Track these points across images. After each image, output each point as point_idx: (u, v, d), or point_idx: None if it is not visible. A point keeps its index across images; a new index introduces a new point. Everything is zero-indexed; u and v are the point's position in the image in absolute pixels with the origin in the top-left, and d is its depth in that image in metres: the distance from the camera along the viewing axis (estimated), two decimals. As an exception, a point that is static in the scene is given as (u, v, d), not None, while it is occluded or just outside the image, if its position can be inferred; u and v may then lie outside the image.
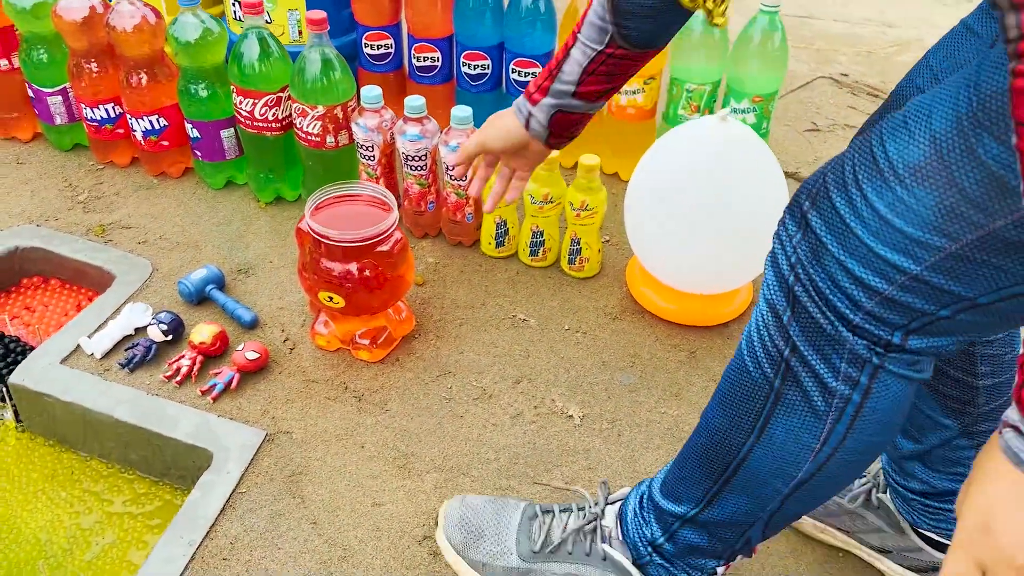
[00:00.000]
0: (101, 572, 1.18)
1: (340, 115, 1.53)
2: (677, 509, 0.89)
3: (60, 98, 1.72)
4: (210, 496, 1.16)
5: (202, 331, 1.34)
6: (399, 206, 1.62)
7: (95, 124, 1.70)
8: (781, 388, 0.73)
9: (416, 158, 1.50)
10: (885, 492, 1.09)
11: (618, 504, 1.01)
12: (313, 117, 1.52)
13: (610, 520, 0.99)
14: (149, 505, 1.27)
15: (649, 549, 0.94)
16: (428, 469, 1.21)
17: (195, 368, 1.32)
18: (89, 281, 1.55)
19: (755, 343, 0.75)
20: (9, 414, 1.36)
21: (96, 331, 1.37)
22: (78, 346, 1.36)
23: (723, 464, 0.81)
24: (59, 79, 1.70)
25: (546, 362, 1.39)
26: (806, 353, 0.70)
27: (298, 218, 1.33)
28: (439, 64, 1.78)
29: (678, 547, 0.92)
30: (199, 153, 1.68)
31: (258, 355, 1.32)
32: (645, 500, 0.95)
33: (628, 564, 0.96)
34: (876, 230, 0.63)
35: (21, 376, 1.31)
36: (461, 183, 1.51)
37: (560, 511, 1.03)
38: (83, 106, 1.68)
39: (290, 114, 1.57)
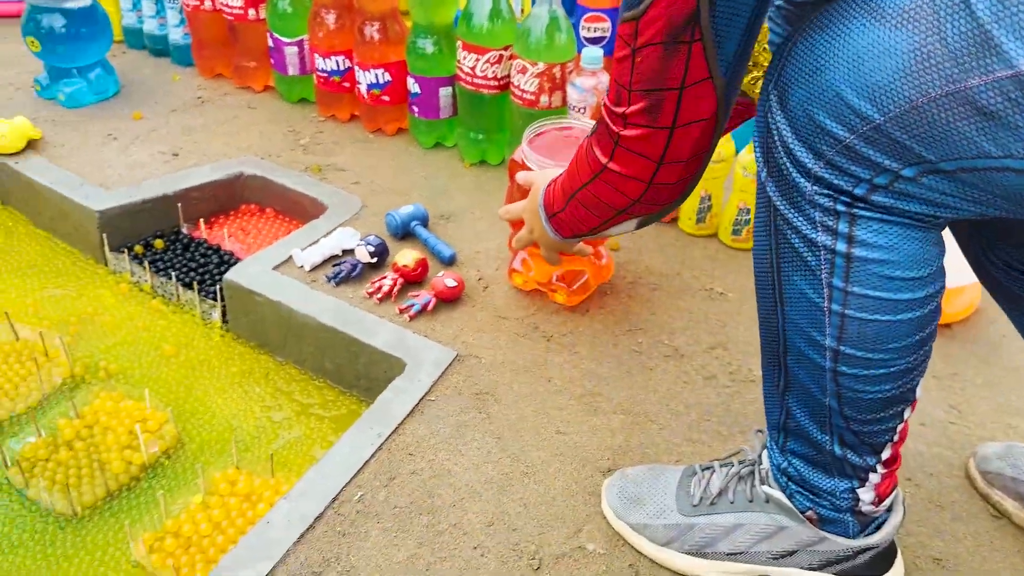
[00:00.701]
0: (286, 459, 1.21)
1: (558, 75, 1.56)
2: (773, 420, 0.88)
3: (296, 49, 1.86)
4: (401, 398, 1.16)
5: (406, 255, 1.38)
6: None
7: (324, 75, 1.82)
8: (777, 250, 0.74)
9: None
10: None
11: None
12: (532, 74, 1.55)
13: (767, 463, 0.94)
14: (335, 411, 1.30)
15: (784, 479, 0.90)
16: (615, 410, 1.17)
17: (395, 289, 1.36)
18: (301, 213, 1.64)
19: (757, 219, 0.77)
20: (217, 314, 1.44)
21: (308, 247, 1.44)
22: (289, 258, 1.43)
23: (776, 357, 0.82)
24: (299, 30, 1.84)
25: (745, 334, 1.32)
26: (782, 209, 0.71)
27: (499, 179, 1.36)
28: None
29: (796, 464, 0.87)
30: (416, 109, 1.75)
31: (456, 283, 1.34)
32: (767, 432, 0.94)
33: (787, 500, 0.90)
34: (847, 72, 0.63)
35: (236, 274, 1.38)
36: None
37: (720, 466, 0.98)
38: (316, 56, 1.80)
39: (508, 73, 1.61)
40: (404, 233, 1.50)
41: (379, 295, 1.35)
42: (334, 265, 1.41)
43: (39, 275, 1.54)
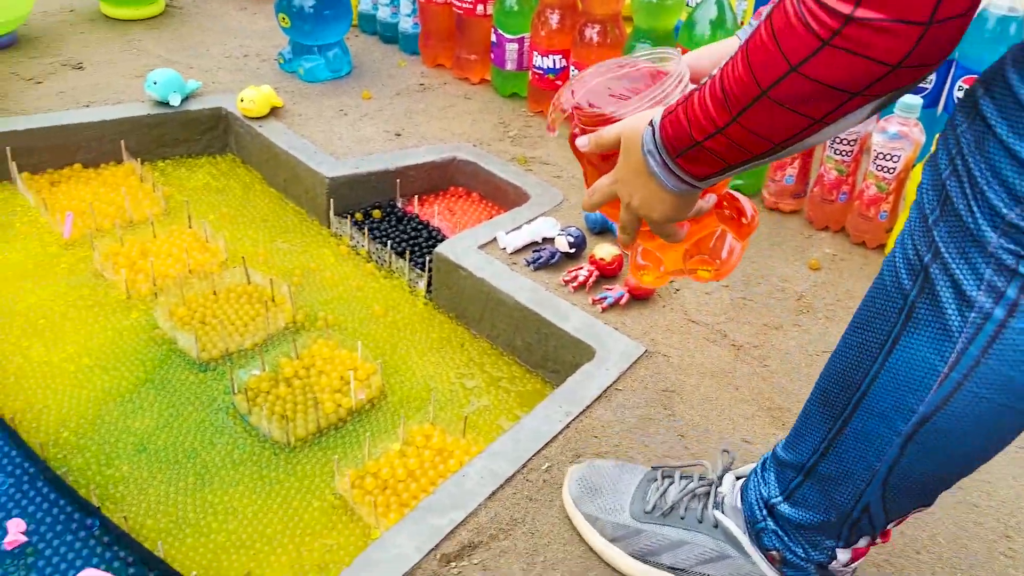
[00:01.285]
0: (475, 424, 1.29)
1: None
2: (795, 459, 0.83)
3: (516, 45, 1.96)
4: (589, 383, 1.22)
5: (604, 249, 1.43)
6: (807, 192, 1.60)
7: (540, 72, 1.91)
8: (916, 301, 0.66)
9: (845, 141, 1.48)
10: None
11: (741, 478, 0.95)
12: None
13: (727, 487, 0.93)
14: (521, 387, 1.37)
15: (764, 512, 0.87)
16: (801, 428, 1.17)
17: (591, 280, 1.41)
18: (505, 199, 1.73)
19: (897, 256, 0.68)
20: (423, 284, 1.55)
21: (511, 231, 1.52)
22: (494, 239, 1.51)
23: (843, 402, 0.75)
24: (522, 27, 1.93)
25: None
26: (948, 257, 0.63)
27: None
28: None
29: (795, 509, 0.83)
30: (623, 111, 1.80)
31: (651, 282, 1.38)
32: (768, 460, 0.89)
33: (739, 531, 0.89)
34: None
35: (446, 249, 1.48)
36: (887, 176, 1.45)
37: (680, 477, 0.97)
38: (535, 53, 1.89)
39: (723, 84, 1.62)
40: (602, 228, 1.55)
41: (574, 284, 1.41)
42: (534, 251, 1.48)
43: (270, 229, 1.72)
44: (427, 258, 1.55)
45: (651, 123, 0.74)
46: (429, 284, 1.55)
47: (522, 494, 1.04)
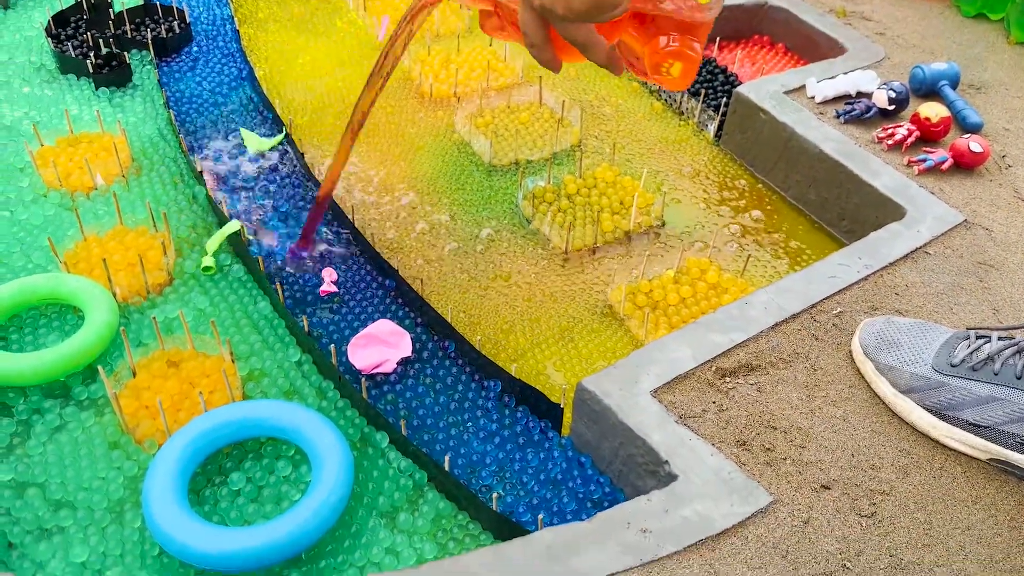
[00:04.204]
0: (750, 268, 1.24)
1: None
2: None
3: None
4: (895, 241, 1.11)
5: (933, 108, 1.28)
6: None
7: (878, -82, 1.71)
8: None
9: None
10: None
11: None
12: None
13: None
14: (807, 240, 1.29)
15: None
16: None
17: (909, 140, 1.27)
18: (814, 52, 1.59)
19: None
20: (713, 127, 1.49)
21: (823, 80, 1.40)
22: (802, 87, 1.40)
23: None
24: None
25: None
26: None
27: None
28: None
29: None
30: (973, -32, 1.58)
31: (982, 150, 1.22)
32: None
33: None
34: None
35: (748, 90, 1.40)
36: None
37: (999, 338, 0.87)
38: None
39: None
40: (928, 91, 1.39)
41: (890, 141, 1.28)
42: (847, 103, 1.36)
43: (563, 58, 1.71)
44: (722, 101, 1.48)
45: None
46: (720, 128, 1.48)
47: (808, 331, 0.99)
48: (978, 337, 0.89)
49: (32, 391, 0.98)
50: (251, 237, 1.21)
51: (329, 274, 1.16)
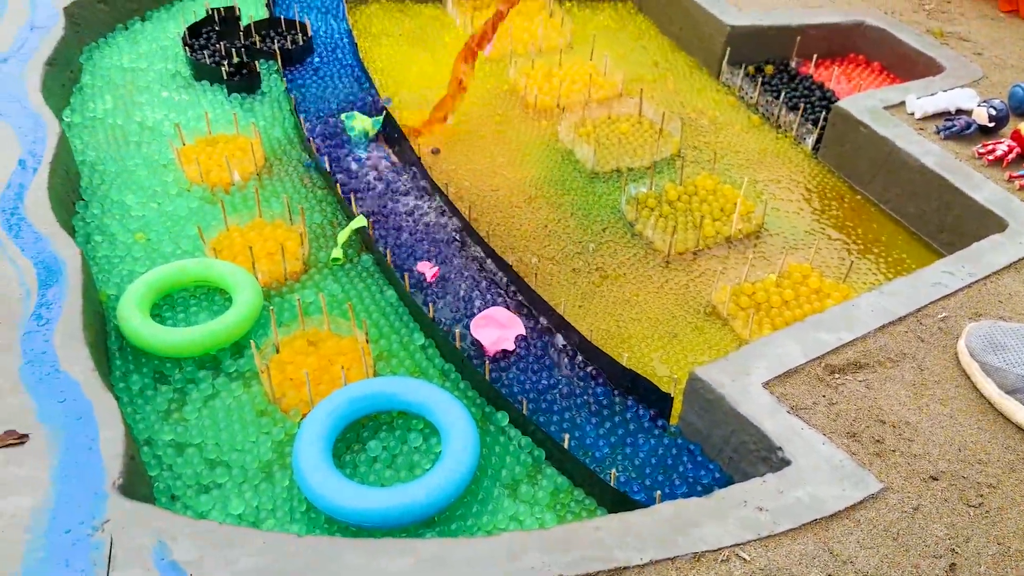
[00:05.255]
0: (851, 273, 1.28)
1: None
2: None
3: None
4: (997, 252, 1.14)
5: (1036, 125, 1.31)
6: None
7: (978, -60, 1.73)
8: None
9: None
10: None
11: None
12: None
13: None
14: (906, 251, 1.32)
15: None
16: None
17: (1011, 155, 1.30)
18: (911, 71, 1.62)
19: None
20: (811, 140, 1.53)
21: (923, 97, 1.44)
22: (902, 103, 1.44)
23: None
24: None
25: None
26: None
27: None
28: None
29: None
30: (1076, -11, 1.59)
31: (1087, 166, 1.24)
32: None
33: None
34: None
35: (849, 104, 1.44)
36: None
37: None
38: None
39: None
40: (1030, 109, 1.41)
41: (990, 157, 1.31)
42: (946, 119, 1.39)
43: (660, 72, 1.78)
44: (820, 116, 1.52)
45: None
46: (818, 140, 1.52)
47: (914, 333, 1.03)
48: None
49: (187, 363, 1.08)
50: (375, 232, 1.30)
51: (427, 267, 1.23)
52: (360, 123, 1.50)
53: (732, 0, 1.76)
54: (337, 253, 1.25)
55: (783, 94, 1.60)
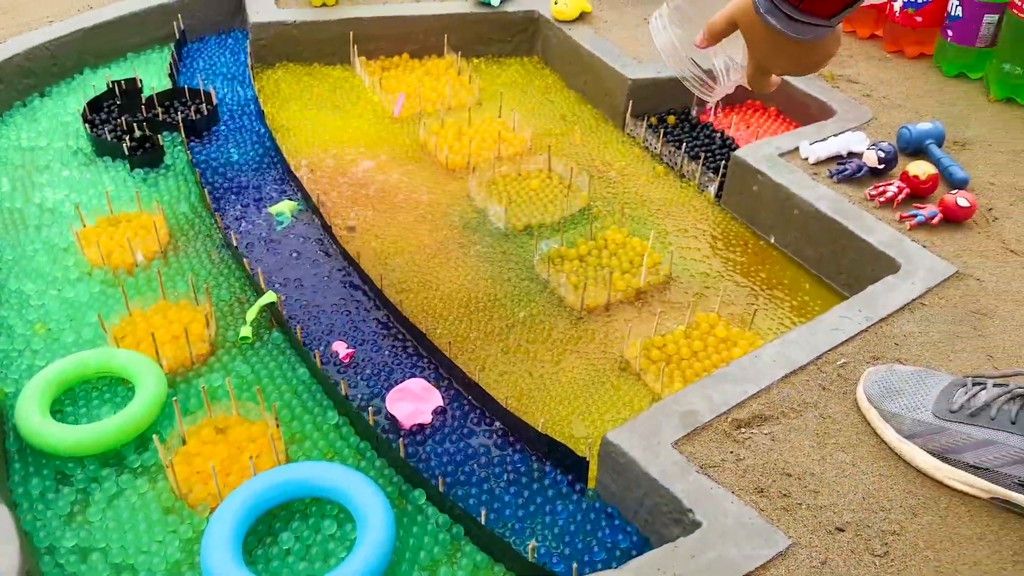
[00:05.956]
0: (758, 321, 1.31)
1: None
2: None
3: (837, -40, 1.88)
4: (891, 293, 1.19)
5: (920, 166, 1.37)
6: None
7: (859, -12, 1.82)
8: None
9: None
10: None
11: None
12: (1115, 5, 1.38)
13: None
14: (808, 294, 1.36)
15: None
16: None
17: (900, 197, 1.36)
18: (805, 115, 1.68)
19: None
20: (714, 188, 1.58)
21: (816, 141, 1.50)
22: (796, 149, 1.50)
23: None
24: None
25: None
26: None
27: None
28: None
29: None
30: (950, 33, 1.68)
31: (969, 205, 1.30)
32: None
33: None
34: None
35: (745, 153, 1.49)
36: None
37: (994, 385, 0.94)
38: (857, -32, 1.80)
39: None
40: (916, 149, 1.47)
41: (881, 199, 1.36)
42: (839, 163, 1.45)
43: (568, 125, 1.81)
44: (720, 164, 1.57)
45: None
46: (720, 188, 1.57)
47: (815, 382, 1.06)
48: (975, 384, 0.96)
49: (89, 461, 1.04)
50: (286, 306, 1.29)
51: (341, 346, 1.22)
52: (286, 208, 1.49)
53: (632, 53, 1.82)
54: (246, 332, 1.23)
55: (684, 144, 1.64)
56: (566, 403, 1.18)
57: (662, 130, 1.70)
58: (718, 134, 1.68)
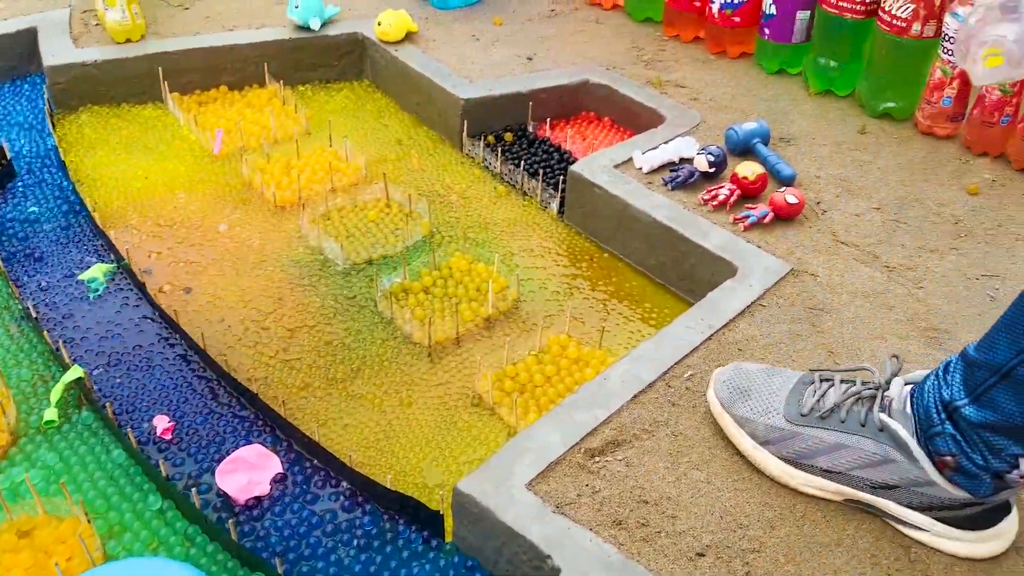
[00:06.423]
0: (608, 337, 1.29)
1: (937, 1, 1.45)
2: (990, 359, 0.79)
3: (654, -33, 1.90)
4: (731, 298, 1.19)
5: (748, 167, 1.38)
6: (966, 116, 1.50)
7: (678, -6, 1.85)
8: None
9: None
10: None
11: (911, 384, 0.90)
12: (909, -2, 1.45)
13: (895, 391, 0.89)
14: (655, 303, 1.35)
15: (943, 416, 0.83)
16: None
17: (732, 199, 1.37)
18: (638, 123, 1.69)
19: None
20: (555, 204, 1.55)
21: (648, 151, 1.49)
22: (629, 160, 1.49)
23: None
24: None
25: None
26: None
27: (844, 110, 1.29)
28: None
29: (982, 411, 0.79)
30: (767, 31, 1.73)
31: (797, 201, 1.33)
32: (954, 363, 0.85)
33: (907, 435, 0.85)
34: None
35: (581, 168, 1.47)
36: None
37: (840, 381, 0.94)
38: (674, -26, 1.83)
39: (881, -2, 1.53)
40: (743, 149, 1.50)
41: (714, 203, 1.37)
42: (671, 170, 1.45)
43: (404, 150, 1.75)
44: (560, 179, 1.55)
45: None
46: (561, 204, 1.54)
47: (664, 398, 1.04)
48: (823, 380, 0.96)
49: None
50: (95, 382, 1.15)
51: (162, 420, 1.11)
52: (98, 272, 1.35)
53: (463, 72, 1.77)
54: (51, 415, 1.09)
55: (523, 161, 1.61)
56: (417, 449, 1.11)
57: (500, 148, 1.66)
58: (555, 149, 1.66)
